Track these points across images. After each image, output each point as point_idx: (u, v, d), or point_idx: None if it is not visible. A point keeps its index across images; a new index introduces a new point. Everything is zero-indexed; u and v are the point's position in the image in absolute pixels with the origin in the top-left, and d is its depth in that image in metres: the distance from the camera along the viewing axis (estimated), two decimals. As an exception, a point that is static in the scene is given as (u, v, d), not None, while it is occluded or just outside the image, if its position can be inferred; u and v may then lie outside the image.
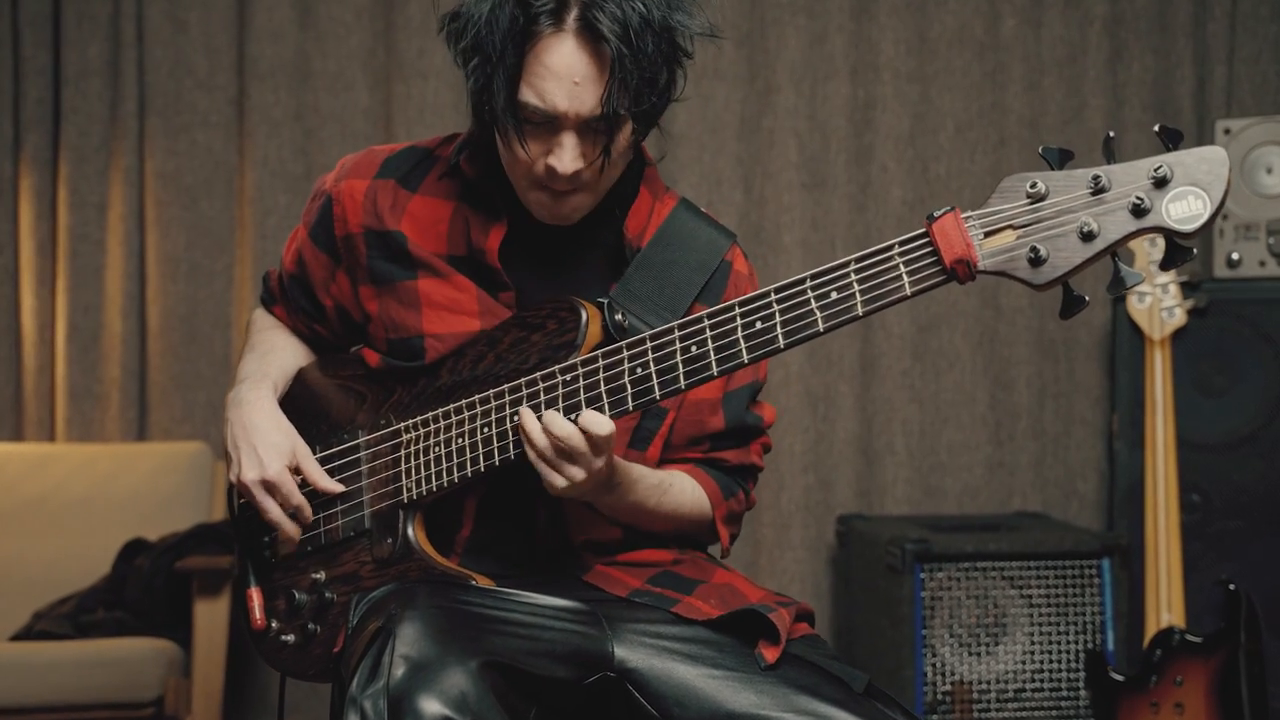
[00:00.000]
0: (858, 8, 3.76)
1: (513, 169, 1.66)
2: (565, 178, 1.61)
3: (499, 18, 1.55)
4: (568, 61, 1.56)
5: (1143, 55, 3.81)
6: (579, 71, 1.56)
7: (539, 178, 1.63)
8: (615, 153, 1.62)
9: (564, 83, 1.56)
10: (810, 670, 1.59)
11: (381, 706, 1.40)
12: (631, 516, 1.71)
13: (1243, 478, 3.34)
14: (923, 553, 3.08)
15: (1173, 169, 1.35)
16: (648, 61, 1.57)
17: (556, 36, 1.55)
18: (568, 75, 1.56)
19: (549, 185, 1.63)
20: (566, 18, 1.55)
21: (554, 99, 1.57)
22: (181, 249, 3.63)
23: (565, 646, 1.57)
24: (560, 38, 1.56)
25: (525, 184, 1.65)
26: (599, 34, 1.54)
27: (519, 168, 1.64)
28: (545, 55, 1.56)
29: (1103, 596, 3.15)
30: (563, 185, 1.62)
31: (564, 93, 1.56)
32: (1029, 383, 3.78)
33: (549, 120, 1.58)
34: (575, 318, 1.63)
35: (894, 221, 3.75)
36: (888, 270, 1.44)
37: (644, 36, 1.56)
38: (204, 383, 3.64)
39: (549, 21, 1.55)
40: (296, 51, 3.65)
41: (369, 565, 1.72)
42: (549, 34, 1.55)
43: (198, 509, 3.45)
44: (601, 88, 1.57)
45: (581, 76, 1.56)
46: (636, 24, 1.55)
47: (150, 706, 2.95)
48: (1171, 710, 2.93)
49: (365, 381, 1.82)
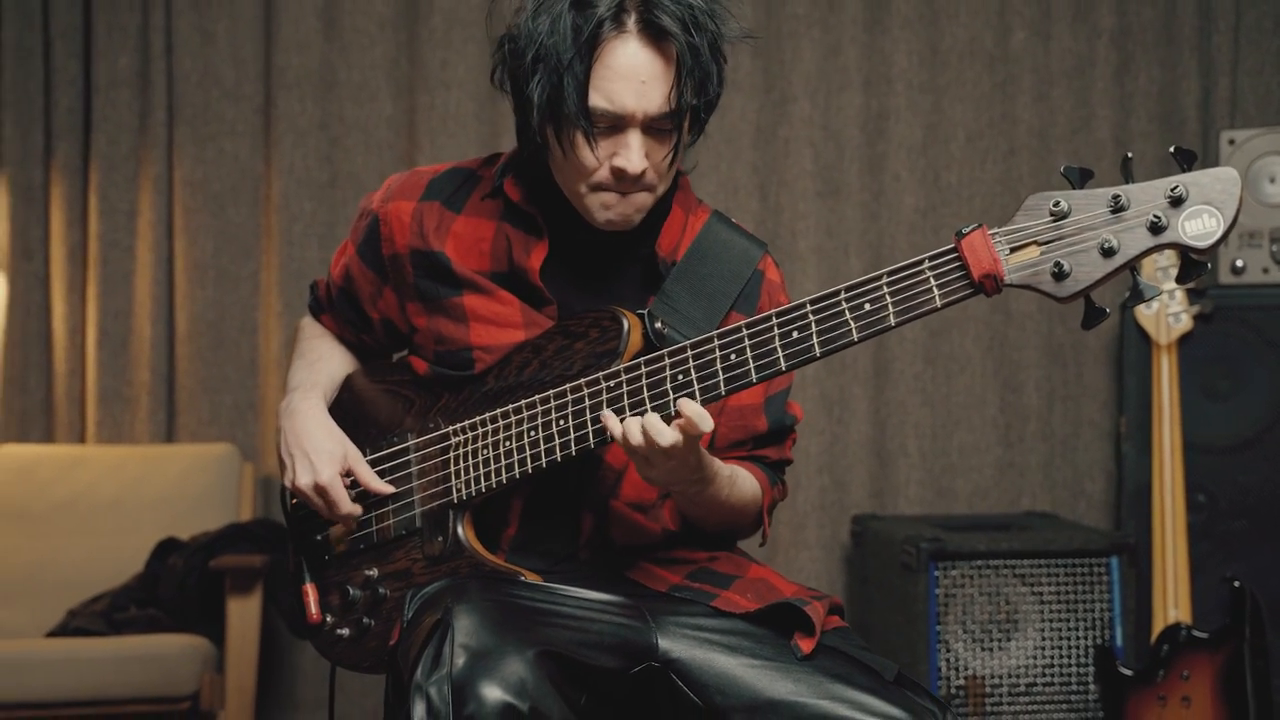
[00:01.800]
0: (871, 20, 3.80)
1: (575, 175, 1.70)
2: (633, 177, 1.67)
3: (560, 28, 1.62)
4: (633, 62, 1.62)
5: (1149, 67, 3.85)
6: (645, 71, 1.63)
7: (603, 180, 1.69)
8: (681, 148, 1.69)
9: (631, 83, 1.62)
10: (844, 660, 1.66)
11: (446, 693, 1.46)
12: (704, 508, 1.76)
13: (1247, 479, 3.37)
14: (937, 551, 3.12)
15: (1188, 188, 1.41)
16: (706, 57, 1.65)
17: (620, 39, 1.62)
18: (634, 76, 1.62)
19: (614, 187, 1.69)
20: (627, 20, 1.62)
21: (623, 99, 1.63)
22: (209, 255, 3.67)
23: (613, 638, 1.64)
24: (624, 39, 1.62)
25: (587, 188, 1.71)
26: (662, 32, 1.61)
27: (583, 172, 1.69)
28: (610, 58, 1.62)
29: (1111, 594, 3.18)
30: (629, 186, 1.69)
31: (632, 93, 1.63)
32: (1038, 386, 3.82)
33: (616, 121, 1.65)
34: (618, 326, 1.70)
35: (906, 229, 3.79)
36: (918, 283, 1.50)
37: (702, 31, 1.63)
38: (231, 386, 3.68)
39: (612, 26, 1.61)
40: (322, 62, 3.69)
41: (420, 562, 1.78)
42: (612, 38, 1.62)
43: (226, 509, 3.49)
44: (666, 85, 1.63)
45: (648, 75, 1.63)
46: (694, 20, 1.62)
47: (186, 701, 3.00)
48: (1179, 704, 2.97)
49: (412, 387, 1.88)
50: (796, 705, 1.61)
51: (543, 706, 1.48)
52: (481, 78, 3.70)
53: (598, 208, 1.72)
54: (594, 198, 1.71)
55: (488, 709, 1.45)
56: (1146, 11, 3.85)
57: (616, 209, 1.72)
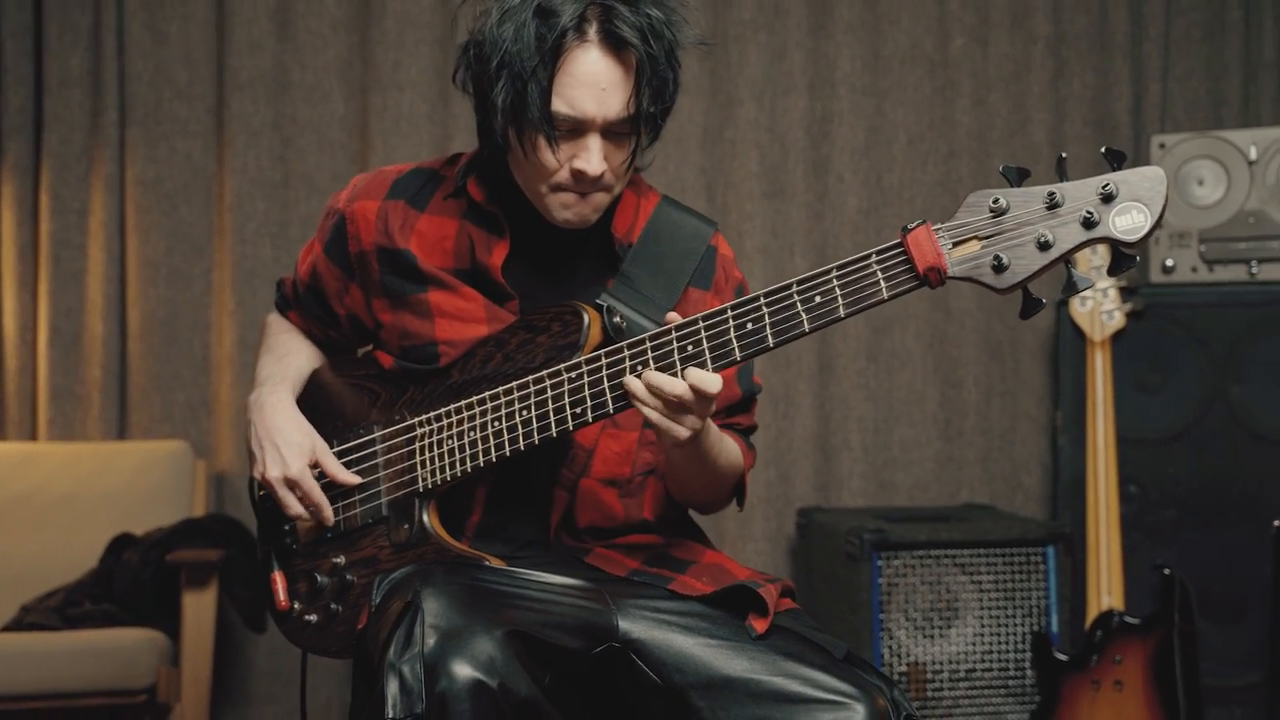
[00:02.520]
0: (815, 25, 3.86)
1: (536, 176, 1.77)
2: (592, 179, 1.75)
3: (524, 36, 1.68)
4: (594, 70, 1.70)
5: (1083, 73, 3.94)
6: (605, 78, 1.70)
7: (563, 181, 1.76)
8: (640, 151, 1.77)
9: (592, 90, 1.70)
10: (796, 639, 1.74)
11: (419, 671, 1.51)
12: (700, 466, 1.81)
13: (1177, 471, 3.44)
14: (880, 542, 3.18)
15: (1118, 186, 1.50)
16: (663, 64, 1.72)
17: (582, 47, 1.69)
18: (595, 83, 1.70)
19: (573, 188, 1.76)
20: (588, 30, 1.69)
21: (584, 105, 1.70)
22: (161, 254, 3.66)
23: (575, 619, 1.70)
24: (585, 48, 1.70)
25: (547, 189, 1.78)
26: (622, 41, 1.69)
27: (543, 173, 1.76)
28: (573, 66, 1.69)
29: (1047, 582, 3.24)
30: (588, 187, 1.76)
31: (592, 99, 1.70)
32: (977, 382, 3.90)
33: (577, 126, 1.72)
34: (578, 320, 1.77)
35: (850, 229, 3.86)
36: (866, 276, 1.58)
37: (660, 40, 1.71)
38: (183, 383, 3.68)
39: (574, 35, 1.68)
40: (275, 63, 3.70)
41: (387, 549, 1.84)
42: (574, 46, 1.69)
43: (179, 505, 3.50)
44: (625, 91, 1.71)
45: (608, 82, 1.70)
46: (652, 29, 1.70)
47: (143, 694, 3.02)
48: (1111, 687, 3.04)
49: (378, 381, 1.94)
50: (751, 682, 1.68)
51: (511, 683, 1.53)
52: (434, 79, 3.75)
53: (557, 207, 1.79)
54: (554, 198, 1.78)
55: (459, 685, 1.50)
56: (1081, 19, 3.95)
57: (574, 209, 1.79)
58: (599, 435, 1.86)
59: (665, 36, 1.73)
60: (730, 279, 1.96)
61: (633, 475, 1.89)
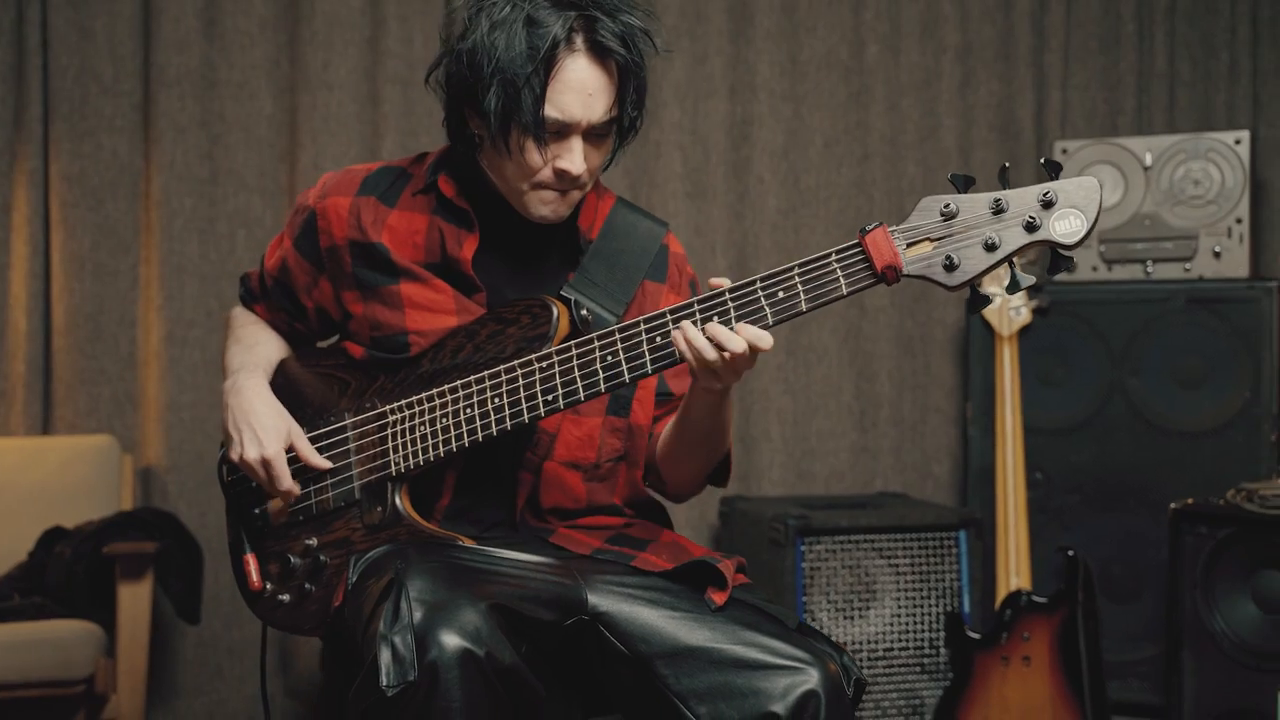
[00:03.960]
0: (735, 32, 3.96)
1: (519, 174, 1.86)
2: (574, 178, 1.85)
3: (516, 45, 1.78)
4: (582, 77, 1.80)
5: (989, 81, 4.10)
6: (591, 84, 1.81)
7: (546, 180, 1.86)
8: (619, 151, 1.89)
9: (579, 95, 1.80)
10: (752, 611, 1.83)
11: (410, 641, 1.58)
12: (711, 434, 1.92)
13: (1079, 459, 3.60)
14: (804, 527, 3.30)
15: (1057, 194, 1.64)
16: (642, 70, 1.84)
17: (571, 56, 1.80)
18: (582, 89, 1.80)
19: (555, 186, 1.86)
20: (576, 39, 1.79)
21: (572, 110, 1.81)
22: (87, 249, 3.65)
23: (548, 593, 1.78)
24: (574, 57, 1.80)
25: (529, 187, 1.87)
26: (606, 50, 1.80)
27: (527, 173, 1.85)
28: (563, 74, 1.80)
29: (960, 565, 3.38)
30: (568, 185, 1.86)
31: (580, 104, 1.81)
32: (890, 375, 4.04)
33: (563, 129, 1.82)
34: (548, 313, 1.86)
35: (769, 229, 3.98)
36: (826, 274, 1.70)
37: (639, 47, 1.82)
38: (108, 378, 3.67)
39: (565, 46, 1.79)
40: (202, 60, 3.70)
41: (360, 531, 1.91)
42: (564, 55, 1.79)
43: (105, 500, 3.50)
44: (609, 96, 1.82)
45: (594, 88, 1.81)
46: (632, 37, 1.81)
47: (81, 685, 3.04)
48: (1020, 663, 3.17)
49: (347, 370, 2.01)
50: (714, 650, 1.78)
51: (496, 652, 1.62)
52: (362, 80, 3.79)
53: (536, 204, 1.89)
54: (534, 194, 1.88)
55: (449, 654, 1.58)
56: (987, 30, 4.10)
57: (553, 205, 1.89)
58: (561, 420, 1.95)
59: (643, 44, 1.84)
60: (684, 275, 2.08)
61: (599, 460, 1.98)
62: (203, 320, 3.73)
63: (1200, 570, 3.08)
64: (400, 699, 1.57)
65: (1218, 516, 3.08)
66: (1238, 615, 3.05)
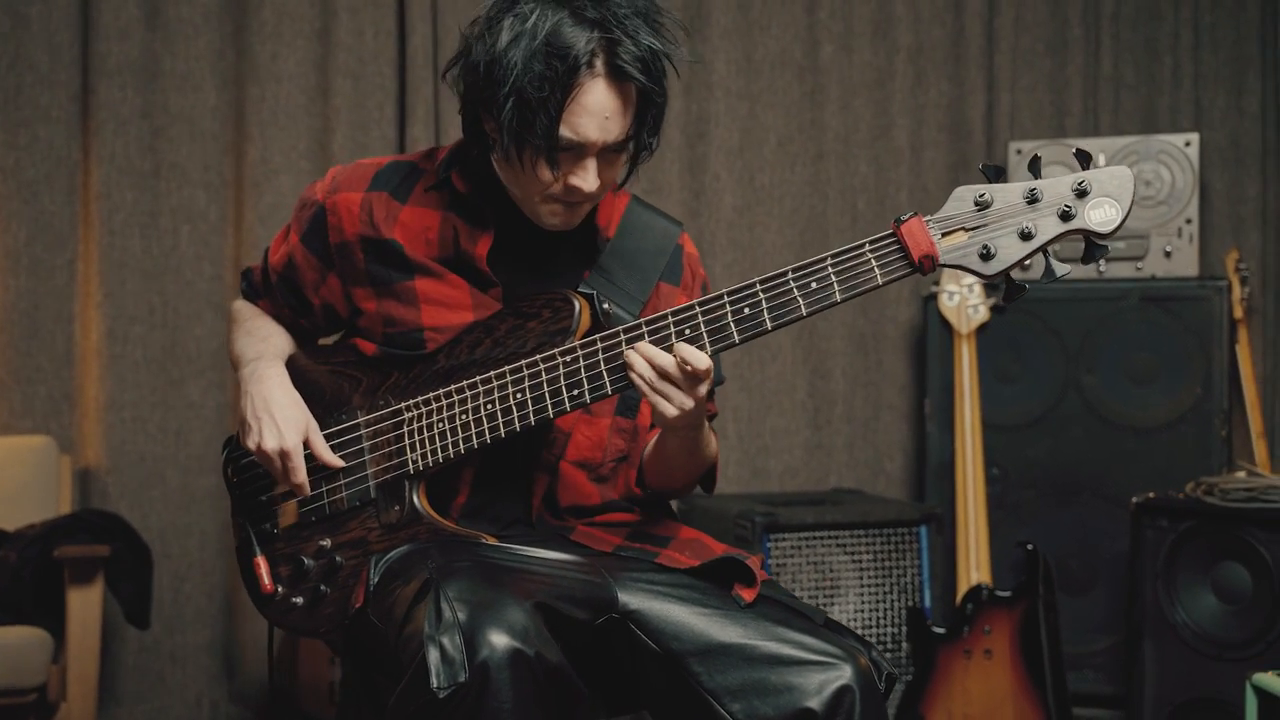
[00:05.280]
0: (692, 30, 3.97)
1: (529, 186, 1.83)
2: (587, 196, 1.82)
3: (535, 66, 1.73)
4: (600, 101, 1.76)
5: (940, 82, 4.16)
6: (609, 108, 1.77)
7: (557, 194, 1.82)
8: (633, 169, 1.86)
9: (596, 118, 1.76)
10: (780, 607, 1.83)
11: (458, 641, 1.54)
12: (689, 455, 1.90)
13: (1035, 454, 3.67)
14: (771, 524, 3.31)
15: (1091, 183, 1.66)
16: (660, 93, 1.80)
17: (591, 80, 1.75)
18: (600, 112, 1.76)
19: (564, 199, 1.83)
20: (596, 63, 1.75)
21: (587, 132, 1.77)
22: (22, 243, 3.57)
23: (582, 592, 1.76)
24: (594, 81, 1.75)
25: (539, 198, 1.84)
26: (625, 75, 1.75)
27: (538, 187, 1.82)
28: (582, 97, 1.75)
29: (921, 559, 3.41)
30: (579, 199, 1.83)
31: (596, 126, 1.77)
32: (844, 373, 4.08)
33: (578, 149, 1.78)
34: (569, 307, 1.83)
35: (725, 226, 4.00)
36: (860, 264, 1.69)
37: (658, 70, 1.79)
38: (45, 376, 3.58)
39: (586, 69, 1.74)
40: (144, 50, 3.63)
41: (377, 531, 1.87)
42: (585, 79, 1.75)
43: (43, 502, 3.41)
44: (626, 119, 1.78)
45: (611, 112, 1.77)
46: (652, 59, 1.77)
47: (34, 693, 2.96)
48: (982, 656, 3.22)
49: (358, 367, 1.96)
50: (747, 647, 1.77)
51: (545, 651, 1.59)
52: (311, 72, 3.73)
53: (546, 215, 1.86)
54: (544, 206, 1.85)
55: (499, 654, 1.54)
56: (938, 31, 4.16)
57: (562, 217, 1.87)
58: (576, 421, 1.93)
59: (663, 66, 1.80)
60: (696, 276, 2.06)
61: (604, 460, 1.96)
62: (145, 317, 3.66)
63: (1161, 562, 3.14)
64: (451, 700, 1.53)
65: (1179, 510, 3.14)
66: (1198, 606, 3.12)
